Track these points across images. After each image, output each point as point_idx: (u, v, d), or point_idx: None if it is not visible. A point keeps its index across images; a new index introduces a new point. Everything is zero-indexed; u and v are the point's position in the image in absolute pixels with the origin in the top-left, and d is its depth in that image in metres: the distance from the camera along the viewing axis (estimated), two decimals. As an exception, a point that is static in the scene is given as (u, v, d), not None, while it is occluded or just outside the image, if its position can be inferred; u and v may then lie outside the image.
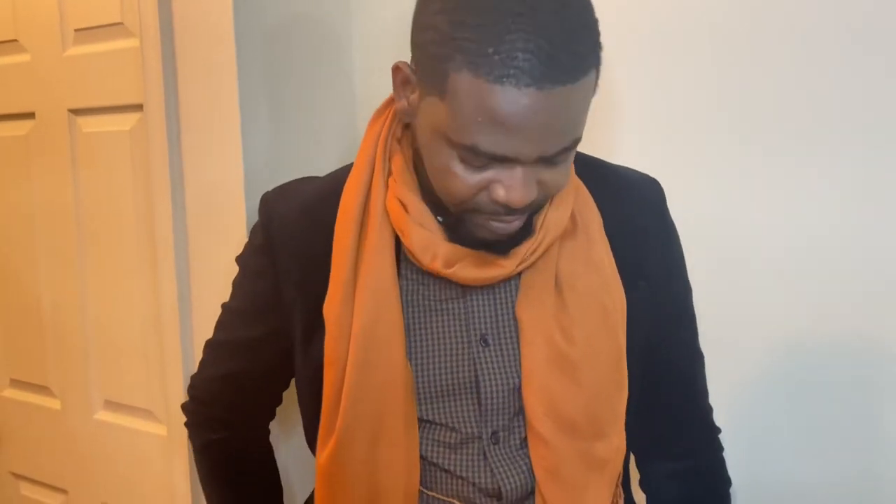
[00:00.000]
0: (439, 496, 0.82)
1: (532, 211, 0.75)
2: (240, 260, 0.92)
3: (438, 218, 0.79)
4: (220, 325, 0.94)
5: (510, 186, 0.69)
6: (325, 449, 0.81)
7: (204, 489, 1.00)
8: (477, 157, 0.68)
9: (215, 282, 1.27)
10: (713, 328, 1.00)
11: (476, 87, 0.65)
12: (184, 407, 1.00)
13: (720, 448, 0.94)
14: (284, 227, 0.85)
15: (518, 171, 0.69)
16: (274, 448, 1.04)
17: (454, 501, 0.82)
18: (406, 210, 0.79)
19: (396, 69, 0.74)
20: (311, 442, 0.88)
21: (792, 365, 1.07)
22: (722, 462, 0.94)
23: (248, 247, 0.90)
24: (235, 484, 0.99)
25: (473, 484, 0.81)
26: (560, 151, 0.69)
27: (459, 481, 0.81)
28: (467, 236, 0.77)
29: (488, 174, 0.70)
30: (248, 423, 0.99)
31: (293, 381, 0.92)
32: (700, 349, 0.92)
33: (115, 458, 1.52)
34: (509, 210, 0.71)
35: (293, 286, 0.84)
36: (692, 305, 0.91)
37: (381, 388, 0.78)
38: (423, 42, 0.69)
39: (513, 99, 0.64)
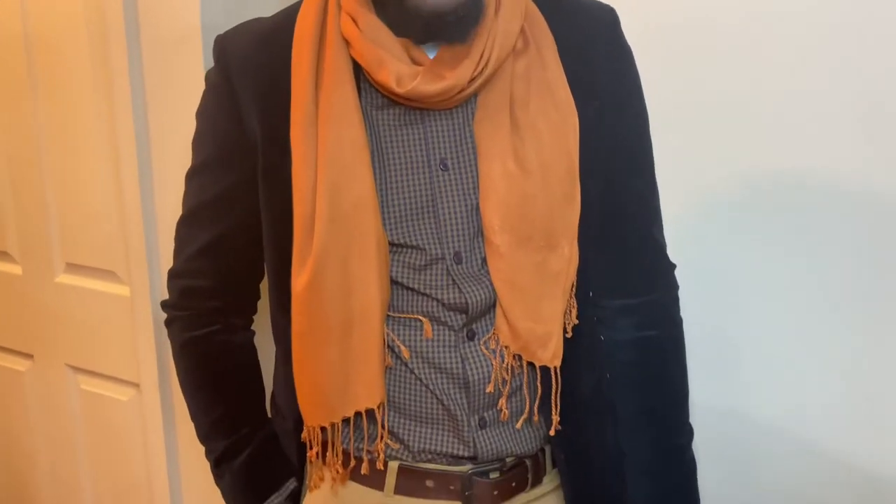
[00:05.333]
0: (404, 315, 0.85)
1: None
2: (198, 111, 0.91)
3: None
4: (187, 194, 0.93)
5: None
6: (302, 274, 0.82)
7: (183, 391, 0.98)
8: None
9: (174, 137, 1.26)
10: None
11: None
12: (164, 304, 0.97)
13: (675, 284, 0.98)
14: (240, 61, 0.85)
15: None
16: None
17: (419, 317, 0.85)
18: (359, 27, 0.80)
19: None
20: (278, 292, 0.88)
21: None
22: (675, 299, 0.97)
23: (206, 91, 0.90)
24: (216, 383, 0.97)
25: (438, 300, 0.84)
26: None
27: (425, 299, 0.85)
28: (416, 25, 0.78)
29: None
30: (234, 304, 0.97)
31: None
32: (656, 182, 0.94)
33: (79, 320, 1.54)
34: None
35: (255, 119, 0.84)
36: (648, 135, 0.93)
37: (352, 210, 0.80)
38: None
39: None
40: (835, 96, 1.02)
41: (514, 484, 0.88)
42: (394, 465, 0.87)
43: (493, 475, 0.87)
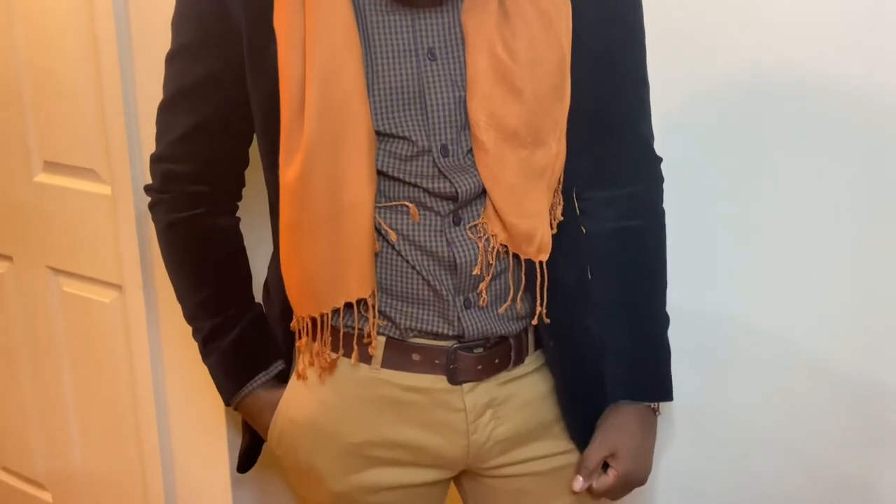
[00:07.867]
0: (391, 203, 0.85)
1: None
2: None
3: None
4: (168, 78, 0.91)
5: None
6: (292, 165, 0.81)
7: (169, 272, 0.98)
8: None
9: (156, 23, 1.23)
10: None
11: None
12: (147, 188, 0.97)
13: (661, 178, 0.98)
14: None
15: None
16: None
17: (406, 203, 0.85)
18: None
19: None
20: (274, 178, 0.86)
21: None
22: (660, 191, 0.98)
23: None
24: (202, 264, 0.96)
25: (425, 189, 0.84)
26: None
27: (412, 188, 0.84)
28: None
29: None
30: (218, 189, 0.96)
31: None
32: (647, 77, 0.94)
33: (59, 221, 1.52)
34: None
35: (237, 2, 0.82)
36: (642, 27, 0.91)
37: (343, 100, 0.79)
38: None
39: None
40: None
41: (497, 360, 0.90)
42: (381, 339, 0.88)
43: (477, 350, 0.89)
